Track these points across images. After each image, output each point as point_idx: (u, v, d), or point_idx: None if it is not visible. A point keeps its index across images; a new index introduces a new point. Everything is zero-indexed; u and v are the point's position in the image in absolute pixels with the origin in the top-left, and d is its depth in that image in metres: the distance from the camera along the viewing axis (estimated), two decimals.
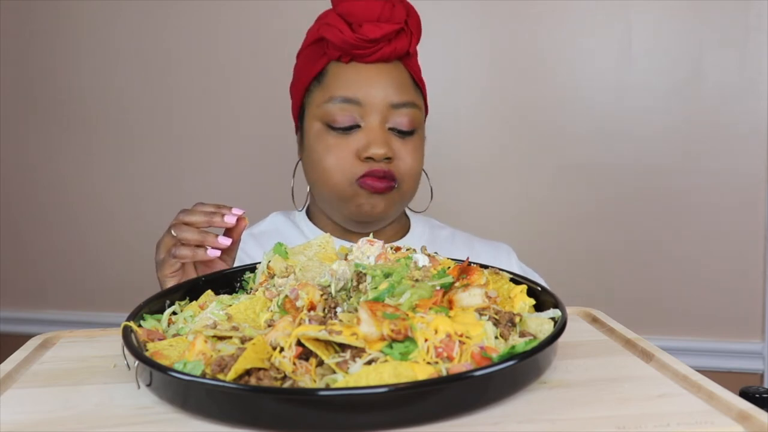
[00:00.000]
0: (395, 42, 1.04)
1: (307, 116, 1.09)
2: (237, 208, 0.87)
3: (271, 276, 0.75)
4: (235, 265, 1.02)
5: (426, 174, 1.15)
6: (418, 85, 1.10)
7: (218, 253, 0.86)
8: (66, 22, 1.92)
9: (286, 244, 0.98)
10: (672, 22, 1.70)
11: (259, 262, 0.79)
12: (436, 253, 0.75)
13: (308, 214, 1.18)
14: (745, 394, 0.73)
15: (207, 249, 0.85)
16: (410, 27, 1.06)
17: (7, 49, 1.95)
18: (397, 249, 0.75)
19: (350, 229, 1.11)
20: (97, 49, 1.92)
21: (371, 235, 0.82)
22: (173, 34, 1.89)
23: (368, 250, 0.72)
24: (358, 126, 1.04)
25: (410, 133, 1.06)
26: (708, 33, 1.69)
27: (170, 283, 0.88)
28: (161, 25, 1.89)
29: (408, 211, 1.21)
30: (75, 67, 1.94)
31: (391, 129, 1.05)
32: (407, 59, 1.08)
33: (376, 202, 1.04)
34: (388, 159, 1.03)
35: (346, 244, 0.88)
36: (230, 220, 0.86)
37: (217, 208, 0.87)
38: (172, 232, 0.87)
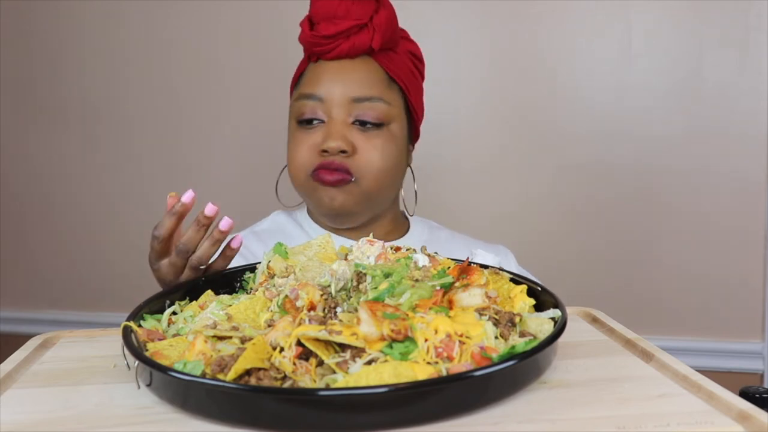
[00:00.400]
0: (354, 38, 1.06)
1: (289, 116, 1.13)
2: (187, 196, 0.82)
3: (271, 276, 0.75)
4: (239, 263, 1.02)
5: (413, 174, 1.15)
6: (397, 82, 1.10)
7: (230, 221, 0.81)
8: (67, 21, 1.93)
9: (289, 242, 0.98)
10: (672, 22, 1.70)
11: (259, 262, 0.79)
12: (436, 253, 0.75)
13: (308, 210, 1.19)
14: (745, 394, 0.73)
15: (219, 224, 0.80)
16: (375, 24, 1.06)
17: (7, 49, 1.95)
18: (397, 249, 0.75)
19: (329, 224, 1.12)
20: (99, 49, 1.92)
21: (371, 234, 0.82)
22: (175, 34, 1.89)
23: (368, 250, 0.72)
24: (322, 121, 1.06)
25: (376, 127, 1.06)
26: (708, 33, 1.69)
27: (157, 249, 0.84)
28: (163, 25, 1.89)
29: (407, 213, 1.21)
30: (77, 66, 1.94)
31: (355, 123, 1.06)
32: (381, 55, 1.08)
33: (333, 194, 1.04)
34: (344, 152, 1.03)
35: (346, 244, 0.88)
36: (187, 198, 0.81)
37: (168, 212, 0.83)
38: (176, 254, 0.82)
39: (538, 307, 0.68)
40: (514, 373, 0.54)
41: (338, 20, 1.05)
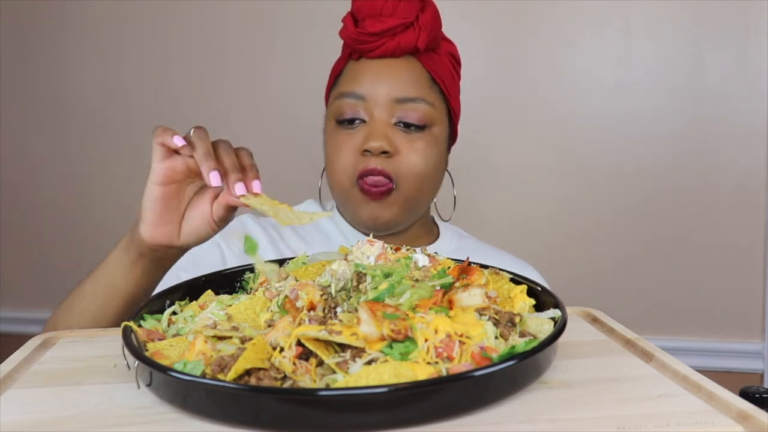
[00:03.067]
0: (400, 37, 1.03)
1: (326, 115, 1.10)
2: (258, 182, 0.77)
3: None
4: (277, 257, 1.01)
5: (451, 178, 1.13)
6: (438, 83, 1.07)
7: (216, 182, 0.75)
8: (67, 21, 1.93)
9: (324, 236, 1.00)
10: (672, 22, 1.70)
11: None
12: (436, 253, 0.75)
13: (338, 210, 1.15)
14: (745, 394, 0.73)
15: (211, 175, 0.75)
16: (421, 23, 1.04)
17: (7, 49, 1.95)
18: (397, 249, 0.75)
19: (366, 232, 1.08)
20: (99, 49, 1.92)
21: (371, 235, 0.81)
22: (179, 32, 1.89)
23: (368, 250, 0.72)
24: (363, 121, 1.03)
25: (419, 128, 1.03)
26: (708, 33, 1.69)
27: (158, 151, 0.78)
28: (166, 23, 1.89)
29: (436, 218, 1.18)
30: (77, 66, 1.94)
31: (398, 124, 1.03)
32: (424, 56, 1.06)
33: (375, 209, 1.02)
34: (386, 153, 1.01)
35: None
36: (239, 190, 0.75)
37: (250, 167, 0.77)
38: (191, 131, 0.77)
39: (538, 307, 0.68)
40: (514, 373, 0.54)
41: (384, 18, 1.02)
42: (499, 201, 1.80)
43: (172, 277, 0.91)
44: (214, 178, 0.75)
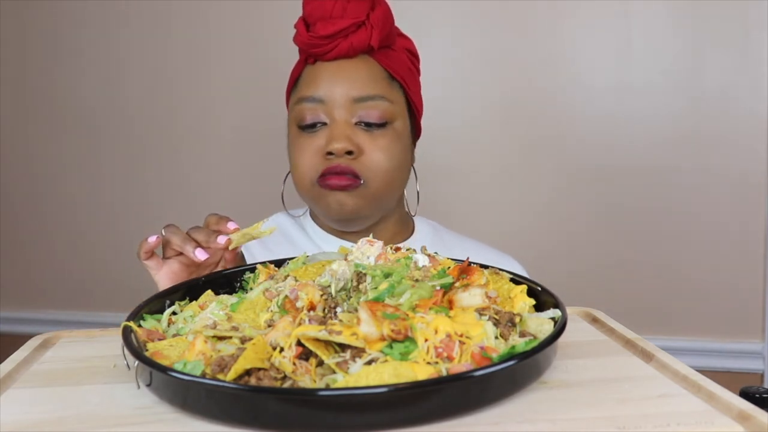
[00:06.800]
0: (352, 37, 1.04)
1: (288, 120, 1.11)
2: (232, 222, 0.88)
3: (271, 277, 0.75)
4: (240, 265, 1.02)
5: (415, 173, 1.14)
6: (397, 80, 1.08)
7: (202, 256, 0.85)
8: (67, 25, 1.93)
9: (293, 247, 0.97)
10: (672, 22, 1.70)
11: (260, 263, 0.79)
12: (436, 253, 0.75)
13: (311, 214, 1.17)
14: (745, 394, 0.73)
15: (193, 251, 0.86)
16: (372, 21, 1.04)
17: (7, 49, 1.95)
18: (397, 249, 0.75)
19: (336, 228, 1.10)
20: (99, 52, 1.92)
21: (371, 235, 0.81)
22: (176, 37, 1.89)
23: (368, 250, 0.72)
24: (324, 124, 1.04)
25: (380, 126, 1.04)
26: (708, 33, 1.69)
27: (150, 265, 0.90)
28: (165, 28, 1.89)
29: (410, 213, 1.19)
30: (76, 70, 1.94)
31: (359, 123, 1.04)
32: (380, 54, 1.07)
33: (342, 199, 1.02)
34: (350, 154, 1.01)
35: (347, 245, 0.88)
36: (221, 240, 0.86)
37: (218, 220, 0.88)
38: (162, 232, 0.89)
39: (538, 307, 0.68)
40: (514, 373, 0.54)
41: (335, 20, 1.03)
42: (498, 201, 1.80)
43: None
44: (199, 254, 0.85)
